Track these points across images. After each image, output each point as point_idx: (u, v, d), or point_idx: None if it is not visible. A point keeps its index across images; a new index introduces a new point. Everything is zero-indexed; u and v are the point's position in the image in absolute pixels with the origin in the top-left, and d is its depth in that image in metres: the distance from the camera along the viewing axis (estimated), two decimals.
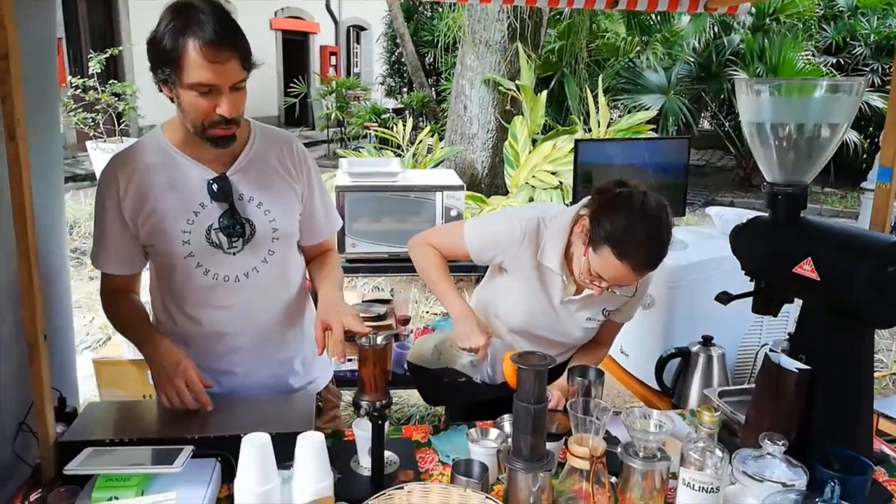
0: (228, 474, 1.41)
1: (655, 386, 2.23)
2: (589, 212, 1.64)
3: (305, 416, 1.59)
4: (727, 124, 10.22)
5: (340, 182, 2.79)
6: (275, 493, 1.25)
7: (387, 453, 1.62)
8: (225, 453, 1.42)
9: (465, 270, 2.75)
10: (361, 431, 1.54)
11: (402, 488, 1.35)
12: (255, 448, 1.23)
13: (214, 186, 1.58)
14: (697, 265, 2.17)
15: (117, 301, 1.67)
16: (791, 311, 2.25)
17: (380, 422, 1.46)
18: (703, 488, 1.23)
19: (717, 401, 1.75)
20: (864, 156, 9.10)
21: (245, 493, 1.23)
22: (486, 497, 1.32)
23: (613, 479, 1.49)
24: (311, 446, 1.27)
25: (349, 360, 2.70)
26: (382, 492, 1.33)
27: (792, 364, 1.43)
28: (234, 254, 1.62)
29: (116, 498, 1.24)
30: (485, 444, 1.56)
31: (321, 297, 1.66)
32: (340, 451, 1.62)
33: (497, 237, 1.80)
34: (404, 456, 1.61)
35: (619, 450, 1.48)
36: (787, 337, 2.11)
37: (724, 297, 1.65)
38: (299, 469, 1.28)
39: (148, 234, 1.59)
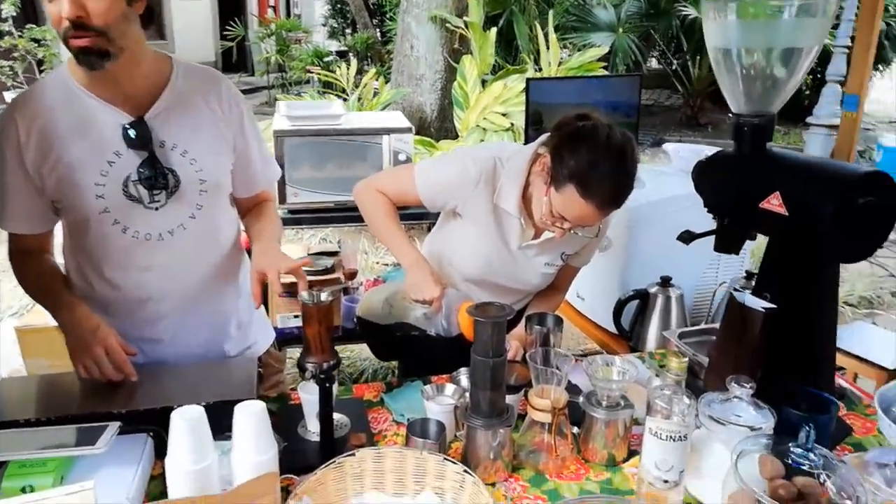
0: (163, 450, 1.29)
1: (613, 329, 2.18)
2: (549, 148, 1.53)
3: (245, 383, 1.47)
4: (675, 63, 10.18)
5: (278, 126, 2.60)
6: (211, 471, 1.14)
7: (337, 416, 1.52)
8: (157, 428, 1.29)
9: (416, 218, 2.62)
10: (308, 395, 1.43)
11: (353, 455, 1.25)
12: (186, 422, 1.11)
13: (131, 132, 1.41)
14: (655, 204, 2.10)
15: (27, 263, 1.50)
16: (747, 249, 2.21)
17: (327, 384, 1.36)
18: (671, 437, 1.17)
19: (678, 342, 1.70)
20: (808, 91, 9.20)
21: (177, 473, 1.12)
22: (444, 458, 1.24)
23: (575, 430, 1.42)
24: (250, 417, 1.16)
25: (295, 316, 2.58)
26: (332, 460, 1.23)
27: (757, 303, 1.38)
28: (156, 209, 1.46)
29: (32, 487, 1.11)
30: (441, 400, 1.48)
31: (256, 249, 1.52)
32: (286, 416, 1.51)
33: (450, 180, 1.68)
34: (356, 417, 1.51)
35: (580, 399, 1.41)
36: (745, 275, 2.08)
37: (687, 237, 1.57)
38: (238, 443, 1.17)
39: (55, 187, 1.41)
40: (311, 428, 1.46)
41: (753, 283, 2.07)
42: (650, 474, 1.21)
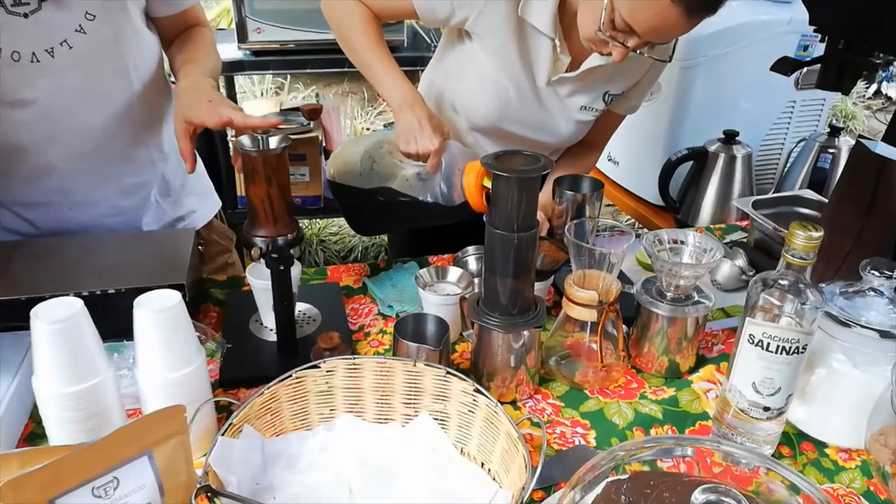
0: None
1: (655, 200, 1.77)
2: None
3: (174, 264, 1.07)
4: None
5: None
6: (103, 391, 0.76)
7: (303, 306, 1.14)
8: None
9: (408, 64, 2.13)
10: (258, 281, 1.05)
11: (318, 367, 0.88)
12: (51, 326, 0.72)
13: None
14: (720, 35, 1.60)
15: None
16: (828, 99, 1.75)
17: (281, 266, 0.96)
18: (784, 347, 0.79)
19: (754, 213, 1.29)
20: None
21: (48, 397, 0.74)
22: (447, 370, 0.86)
23: (624, 328, 1.05)
24: (157, 315, 0.77)
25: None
26: (288, 373, 0.86)
27: None
28: (24, 14, 1.00)
29: None
30: (442, 289, 1.09)
31: (182, 88, 1.08)
32: (237, 307, 1.14)
33: None
34: (329, 309, 1.14)
35: (634, 289, 1.02)
36: (828, 130, 1.63)
37: (787, 65, 1.12)
38: (142, 353, 0.79)
39: None
40: (267, 323, 1.09)
41: (839, 137, 1.65)
42: (744, 398, 0.84)
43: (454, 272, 1.11)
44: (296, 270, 1.06)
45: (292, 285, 1.02)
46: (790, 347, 0.79)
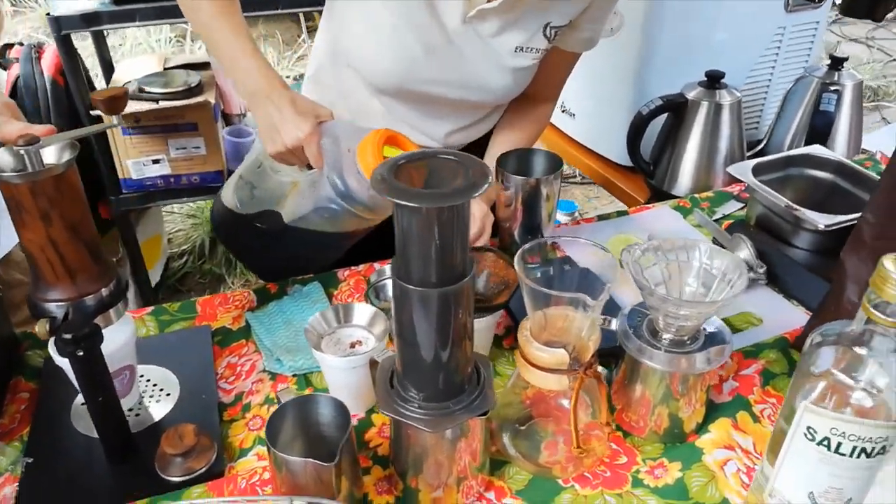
0: None
1: (621, 160, 1.45)
2: None
3: None
4: None
5: None
6: None
7: (156, 373, 0.80)
8: None
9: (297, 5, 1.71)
10: (64, 360, 0.70)
11: None
12: None
13: None
14: None
15: None
16: (821, 24, 1.44)
17: (81, 352, 0.62)
18: (865, 450, 0.50)
19: (758, 185, 0.99)
20: None
21: None
22: None
23: (602, 371, 0.75)
24: None
25: (154, 161, 1.77)
26: None
27: None
28: None
29: None
30: (346, 338, 0.77)
31: None
32: (57, 382, 0.79)
33: None
34: (193, 373, 0.81)
35: (615, 325, 0.72)
36: (828, 62, 1.33)
37: None
38: None
39: None
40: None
41: (842, 70, 1.35)
42: None
43: (362, 311, 0.78)
44: (125, 332, 0.73)
45: (107, 365, 0.68)
46: (873, 448, 0.51)
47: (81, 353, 0.61)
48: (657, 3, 1.28)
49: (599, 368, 0.74)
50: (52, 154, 0.62)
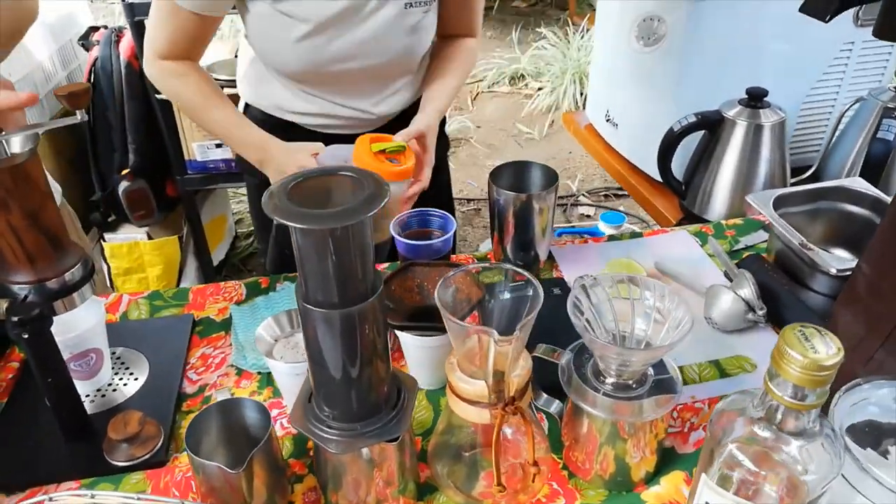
0: None
1: (659, 177, 1.38)
2: None
3: None
4: None
5: None
6: None
7: (131, 356, 0.84)
8: None
9: None
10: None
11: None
12: None
13: None
14: None
15: None
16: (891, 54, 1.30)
17: (27, 335, 0.66)
18: None
19: (770, 213, 0.90)
20: None
21: None
22: None
23: (554, 406, 0.72)
24: None
25: (217, 145, 1.85)
26: None
27: None
28: None
29: None
30: (299, 341, 0.77)
31: None
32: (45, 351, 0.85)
33: None
34: (164, 360, 0.84)
35: (561, 361, 0.69)
36: (894, 85, 1.20)
37: (824, 4, 0.73)
38: None
39: None
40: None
41: None
42: None
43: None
44: (93, 315, 0.77)
45: (75, 346, 0.72)
46: None
47: (27, 336, 0.65)
48: (702, 5, 1.19)
49: (545, 402, 0.71)
50: (17, 144, 0.65)
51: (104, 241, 2.01)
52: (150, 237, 2.05)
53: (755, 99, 1.15)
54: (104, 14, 4.11)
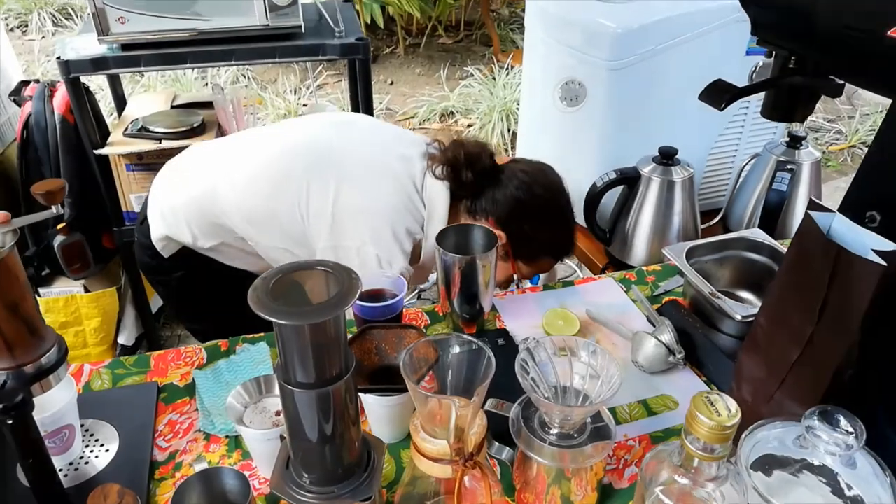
0: None
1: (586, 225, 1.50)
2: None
3: None
4: None
5: None
6: None
7: (101, 429, 0.87)
8: None
9: (310, 53, 1.79)
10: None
11: None
12: None
13: None
14: (656, 27, 1.30)
15: None
16: None
17: (10, 420, 0.69)
18: None
19: (683, 264, 1.03)
20: None
21: None
22: None
23: (505, 453, 0.80)
24: None
25: None
26: None
27: (865, 240, 0.69)
28: None
29: None
30: (271, 408, 0.83)
31: None
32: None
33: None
34: (133, 430, 0.88)
35: (511, 413, 0.77)
36: (787, 139, 1.37)
37: (719, 95, 0.85)
38: None
39: None
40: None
41: (801, 149, 1.38)
42: None
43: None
44: (66, 394, 0.80)
45: (50, 424, 0.75)
46: None
47: (11, 423, 0.68)
48: (617, 76, 1.33)
49: (497, 450, 0.79)
50: None
51: (39, 295, 1.98)
52: (86, 290, 2.02)
53: (667, 157, 1.30)
54: (27, 66, 4.01)
